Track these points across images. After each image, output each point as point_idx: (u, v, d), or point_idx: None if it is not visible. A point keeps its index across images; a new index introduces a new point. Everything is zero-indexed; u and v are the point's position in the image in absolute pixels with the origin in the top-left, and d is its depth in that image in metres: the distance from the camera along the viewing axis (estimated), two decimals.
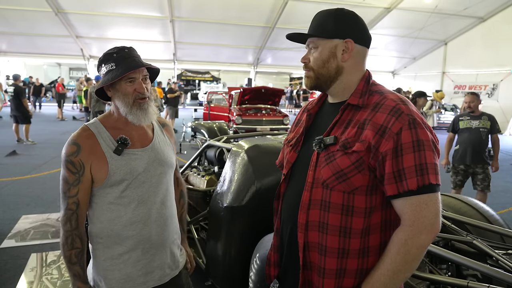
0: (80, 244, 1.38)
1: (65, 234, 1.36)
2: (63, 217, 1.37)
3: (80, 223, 1.38)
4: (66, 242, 1.36)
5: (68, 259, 1.37)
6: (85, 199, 1.39)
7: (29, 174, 6.27)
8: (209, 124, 7.04)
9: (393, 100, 1.08)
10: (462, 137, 4.63)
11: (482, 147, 4.53)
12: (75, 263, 1.38)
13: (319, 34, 1.16)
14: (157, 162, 1.48)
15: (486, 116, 4.58)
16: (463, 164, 4.60)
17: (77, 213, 1.37)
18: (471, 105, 4.55)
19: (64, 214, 1.37)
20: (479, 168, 4.53)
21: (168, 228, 1.53)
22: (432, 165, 1.02)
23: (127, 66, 1.37)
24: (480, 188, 4.57)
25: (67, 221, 1.36)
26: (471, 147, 4.51)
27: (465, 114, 4.69)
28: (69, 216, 1.36)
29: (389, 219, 1.12)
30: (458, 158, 4.64)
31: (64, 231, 1.37)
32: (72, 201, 1.36)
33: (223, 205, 2.46)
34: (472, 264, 1.62)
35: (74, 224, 1.36)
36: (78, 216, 1.37)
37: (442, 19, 16.21)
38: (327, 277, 1.12)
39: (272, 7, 16.09)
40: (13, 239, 3.82)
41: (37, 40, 18.26)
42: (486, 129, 4.51)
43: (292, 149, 1.27)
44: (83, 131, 1.41)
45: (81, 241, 1.39)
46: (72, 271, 1.38)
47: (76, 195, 1.36)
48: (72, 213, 1.36)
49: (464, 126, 4.60)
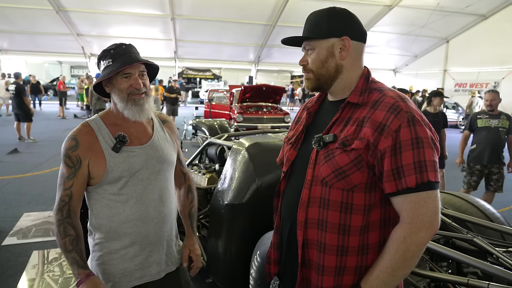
0: (74, 232, 1.37)
1: (57, 224, 1.37)
2: (55, 208, 1.38)
3: (72, 213, 1.38)
4: (59, 231, 1.37)
5: (63, 248, 1.37)
6: (79, 193, 1.40)
7: (31, 172, 6.29)
8: (210, 122, 7.03)
9: (392, 98, 1.08)
10: (479, 136, 4.44)
11: (500, 147, 4.39)
12: (71, 250, 1.36)
13: (315, 35, 1.16)
14: (156, 159, 1.49)
15: (505, 115, 4.42)
16: (480, 164, 4.43)
17: (69, 204, 1.38)
18: (493, 103, 4.37)
19: (57, 205, 1.39)
20: (495, 168, 4.40)
21: (166, 225, 1.53)
22: (431, 163, 1.02)
23: (123, 62, 1.38)
24: (493, 189, 4.45)
25: (59, 211, 1.38)
26: (489, 147, 4.34)
27: (483, 112, 4.52)
28: (61, 207, 1.37)
29: (388, 217, 1.12)
30: (474, 157, 4.46)
31: (56, 220, 1.38)
32: (65, 193, 1.38)
33: (224, 202, 2.47)
34: (472, 261, 1.62)
35: (65, 213, 1.37)
36: (70, 207, 1.38)
37: (444, 16, 16.15)
38: (326, 275, 1.12)
39: (273, 4, 16.07)
40: (15, 237, 3.84)
41: (38, 38, 18.26)
42: (505, 129, 4.34)
43: (292, 147, 1.28)
44: (84, 127, 1.43)
45: (74, 229, 1.38)
46: (70, 259, 1.38)
47: (70, 188, 1.38)
48: (64, 204, 1.37)
49: (482, 125, 4.42)
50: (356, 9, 1.25)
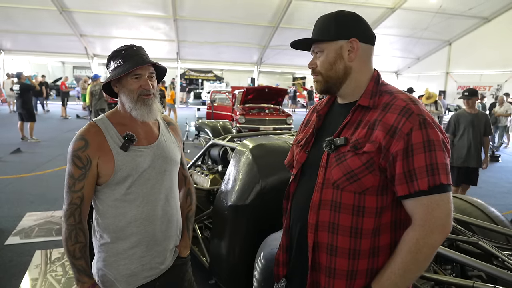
0: (84, 239, 1.38)
1: (68, 228, 1.36)
2: (67, 212, 1.37)
3: (83, 217, 1.39)
4: (70, 237, 1.36)
5: (72, 254, 1.37)
6: (89, 194, 1.40)
7: (33, 171, 6.30)
8: (213, 123, 7.04)
9: (403, 100, 1.08)
10: None
11: None
12: (80, 258, 1.37)
13: (323, 37, 1.16)
14: (162, 159, 1.50)
15: None
16: None
17: (81, 207, 1.38)
18: None
19: (68, 208, 1.37)
20: None
21: (172, 225, 1.55)
22: (443, 165, 1.02)
23: (134, 63, 1.40)
24: None
25: (71, 215, 1.36)
26: None
27: None
28: (72, 211, 1.36)
29: (399, 219, 1.12)
30: None
31: (67, 225, 1.36)
32: (76, 196, 1.37)
33: (227, 204, 2.47)
34: (477, 264, 1.61)
35: (77, 218, 1.37)
36: (82, 211, 1.38)
37: (447, 19, 16.13)
38: (338, 278, 1.12)
39: (276, 6, 16.06)
40: (17, 236, 3.85)
41: (41, 39, 18.30)
42: None
43: (302, 149, 1.27)
44: (92, 127, 1.44)
45: (84, 235, 1.38)
46: (77, 266, 1.38)
47: (81, 190, 1.37)
48: (76, 207, 1.37)
49: None
50: (358, 11, 1.24)
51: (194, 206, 1.78)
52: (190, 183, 1.78)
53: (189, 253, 1.71)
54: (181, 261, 1.65)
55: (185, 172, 1.74)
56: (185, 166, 1.74)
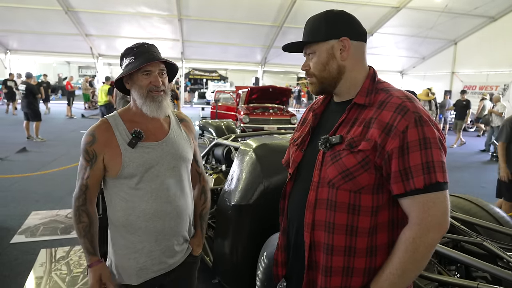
0: (87, 219, 1.48)
1: (74, 209, 1.49)
2: (74, 196, 1.49)
3: (88, 201, 1.49)
4: (75, 216, 1.48)
5: (78, 233, 1.49)
6: (94, 185, 1.49)
7: (39, 170, 6.35)
8: (217, 123, 7.04)
9: (399, 98, 1.07)
10: None
11: None
12: (84, 236, 1.48)
13: (314, 38, 1.16)
14: (171, 155, 1.52)
15: None
16: None
17: (86, 194, 1.48)
18: None
19: (76, 193, 1.49)
20: None
21: (182, 220, 1.56)
22: (439, 163, 1.01)
23: (144, 59, 1.43)
24: None
25: (77, 198, 1.48)
26: None
27: None
28: (79, 196, 1.48)
29: (396, 218, 1.11)
30: None
31: (74, 207, 1.49)
32: (83, 183, 1.48)
33: (231, 203, 2.47)
34: (482, 265, 1.60)
35: (82, 201, 1.48)
36: (86, 196, 1.48)
37: (452, 18, 16.01)
38: (334, 275, 1.12)
39: (280, 6, 16.03)
40: (23, 235, 3.88)
41: (47, 38, 18.41)
42: None
43: (298, 148, 1.27)
44: (102, 123, 1.50)
45: (88, 216, 1.48)
46: (82, 244, 1.49)
47: (87, 179, 1.47)
48: (82, 193, 1.48)
49: None
50: (363, 10, 1.24)
51: (208, 203, 1.78)
52: (204, 180, 1.78)
53: (200, 252, 1.72)
54: (193, 259, 1.67)
55: (199, 169, 1.75)
56: (199, 163, 1.75)
